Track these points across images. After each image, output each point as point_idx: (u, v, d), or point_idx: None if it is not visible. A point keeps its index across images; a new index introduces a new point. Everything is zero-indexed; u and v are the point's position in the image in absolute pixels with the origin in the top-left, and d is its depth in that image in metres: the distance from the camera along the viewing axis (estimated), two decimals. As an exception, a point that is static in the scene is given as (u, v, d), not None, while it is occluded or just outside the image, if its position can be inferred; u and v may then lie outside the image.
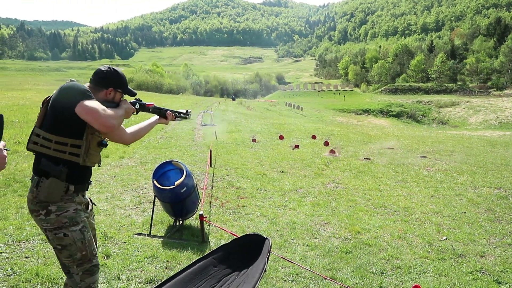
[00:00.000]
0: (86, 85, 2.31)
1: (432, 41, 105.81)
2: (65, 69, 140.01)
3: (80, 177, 2.22)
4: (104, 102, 2.21)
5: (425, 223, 5.22)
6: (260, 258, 1.79)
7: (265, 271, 3.25)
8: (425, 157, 11.00)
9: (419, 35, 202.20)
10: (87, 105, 2.01)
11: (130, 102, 2.49)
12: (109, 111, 2.09)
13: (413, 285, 3.05)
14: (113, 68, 2.37)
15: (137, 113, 2.46)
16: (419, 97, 62.86)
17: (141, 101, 2.56)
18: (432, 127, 45.46)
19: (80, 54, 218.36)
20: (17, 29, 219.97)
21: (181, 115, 2.77)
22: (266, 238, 1.94)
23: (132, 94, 2.48)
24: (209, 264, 1.87)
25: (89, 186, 2.37)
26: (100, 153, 2.38)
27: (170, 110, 2.70)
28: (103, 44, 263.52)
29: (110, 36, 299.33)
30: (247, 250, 1.93)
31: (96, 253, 2.30)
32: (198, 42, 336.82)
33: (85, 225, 2.24)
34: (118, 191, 6.16)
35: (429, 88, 72.11)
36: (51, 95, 2.21)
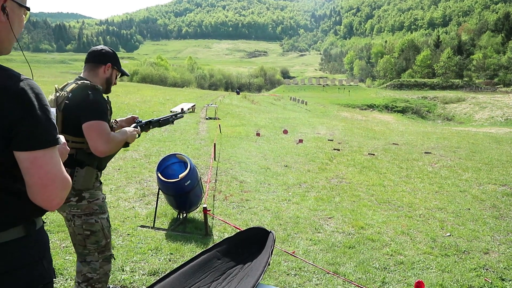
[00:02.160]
0: (83, 72, 2.34)
1: (438, 36, 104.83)
2: (70, 61, 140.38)
3: (103, 164, 2.36)
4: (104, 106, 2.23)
5: (429, 219, 5.21)
6: (264, 252, 1.80)
7: (269, 264, 3.27)
8: (430, 153, 10.94)
9: (425, 30, 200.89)
10: (92, 127, 2.11)
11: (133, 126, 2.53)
12: (110, 137, 2.15)
13: (416, 281, 3.05)
14: (107, 47, 2.47)
15: (138, 136, 2.49)
16: (424, 93, 62.45)
17: (141, 121, 2.62)
18: (437, 123, 45.21)
19: (85, 46, 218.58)
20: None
21: (178, 115, 2.90)
22: (270, 232, 1.94)
23: (126, 74, 2.57)
24: (213, 257, 1.88)
25: None
26: None
27: (166, 116, 2.78)
28: (108, 37, 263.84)
29: (115, 28, 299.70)
30: (251, 243, 1.94)
31: None
32: (203, 35, 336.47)
33: (109, 215, 2.40)
34: (122, 184, 6.19)
35: (434, 83, 71.63)
36: (59, 93, 2.23)
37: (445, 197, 6.43)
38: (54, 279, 1.29)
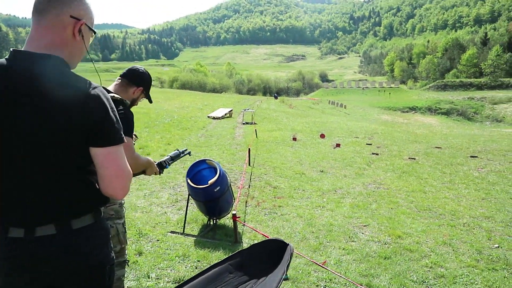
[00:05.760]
0: (114, 84, 2.35)
1: (486, 33, 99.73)
2: (114, 69, 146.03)
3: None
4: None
5: (474, 229, 4.85)
6: (280, 266, 1.68)
7: (287, 279, 3.12)
8: (476, 157, 10.33)
9: (471, 27, 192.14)
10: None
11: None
12: (135, 155, 2.14)
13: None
14: (147, 71, 2.52)
15: (155, 174, 2.42)
16: (471, 93, 59.48)
17: (167, 164, 2.56)
18: (485, 125, 42.87)
19: (128, 55, 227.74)
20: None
21: (185, 152, 2.83)
22: (288, 244, 1.82)
23: (151, 101, 2.60)
24: (225, 271, 1.79)
25: None
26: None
27: (175, 153, 2.69)
28: (150, 45, 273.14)
29: (156, 37, 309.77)
30: (267, 256, 1.82)
31: None
32: (241, 41, 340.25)
33: (125, 221, 2.42)
34: (156, 189, 6.25)
35: (482, 83, 68.09)
36: None
37: (493, 204, 5.99)
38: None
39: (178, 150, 2.72)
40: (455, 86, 68.51)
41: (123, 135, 1.35)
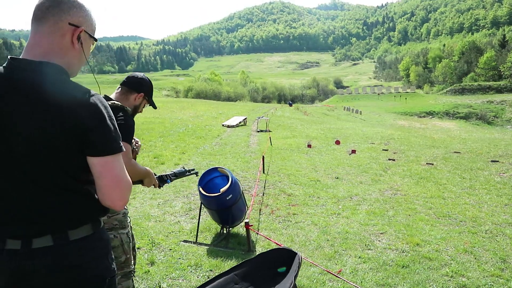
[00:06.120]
0: (115, 92, 2.35)
1: (504, 35, 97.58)
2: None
3: None
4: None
5: (497, 236, 4.67)
6: (287, 277, 1.61)
7: None
8: (498, 161, 10.03)
9: (488, 30, 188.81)
10: None
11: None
12: (131, 162, 2.10)
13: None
14: (147, 77, 2.51)
15: (154, 187, 2.38)
16: (490, 97, 58.18)
17: (168, 179, 2.50)
18: (506, 128, 41.82)
19: (144, 66, 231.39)
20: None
21: (192, 172, 2.75)
22: (296, 253, 1.74)
23: (154, 107, 2.56)
24: (230, 281, 1.72)
25: None
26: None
27: (180, 171, 2.63)
28: (165, 56, 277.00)
29: (170, 47, 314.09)
30: (274, 266, 1.75)
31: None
32: (254, 49, 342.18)
33: (130, 230, 2.38)
34: (170, 198, 6.24)
35: (501, 86, 66.54)
36: None
37: (516, 210, 5.78)
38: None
39: (184, 168, 2.69)
40: (473, 90, 67.16)
41: (121, 145, 1.32)
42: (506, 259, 3.95)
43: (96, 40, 1.43)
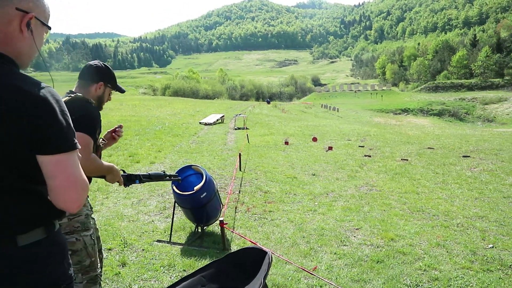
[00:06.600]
0: (75, 87, 2.24)
1: (475, 35, 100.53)
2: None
3: (89, 178, 2.14)
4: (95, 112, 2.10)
5: (468, 229, 4.76)
6: (257, 277, 1.56)
7: None
8: (469, 156, 10.29)
9: (460, 29, 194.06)
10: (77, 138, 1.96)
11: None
12: (91, 157, 2.00)
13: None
14: (103, 63, 2.35)
15: (119, 184, 2.23)
16: (462, 94, 59.92)
17: (137, 179, 2.30)
18: (477, 125, 43.14)
19: (120, 64, 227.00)
20: (63, 43, 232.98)
21: (172, 177, 2.60)
22: (266, 252, 1.69)
23: (122, 91, 2.42)
24: (196, 283, 1.65)
25: None
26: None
27: (157, 173, 2.45)
28: (142, 53, 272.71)
29: (148, 45, 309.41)
30: (243, 266, 1.70)
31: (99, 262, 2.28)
32: (233, 47, 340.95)
33: (94, 232, 2.24)
34: (145, 197, 6.10)
35: (472, 84, 68.63)
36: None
37: (487, 204, 5.92)
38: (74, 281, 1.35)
39: (164, 172, 2.50)
40: (446, 87, 68.99)
41: (75, 142, 1.21)
42: (476, 252, 4.03)
43: (49, 28, 1.31)
